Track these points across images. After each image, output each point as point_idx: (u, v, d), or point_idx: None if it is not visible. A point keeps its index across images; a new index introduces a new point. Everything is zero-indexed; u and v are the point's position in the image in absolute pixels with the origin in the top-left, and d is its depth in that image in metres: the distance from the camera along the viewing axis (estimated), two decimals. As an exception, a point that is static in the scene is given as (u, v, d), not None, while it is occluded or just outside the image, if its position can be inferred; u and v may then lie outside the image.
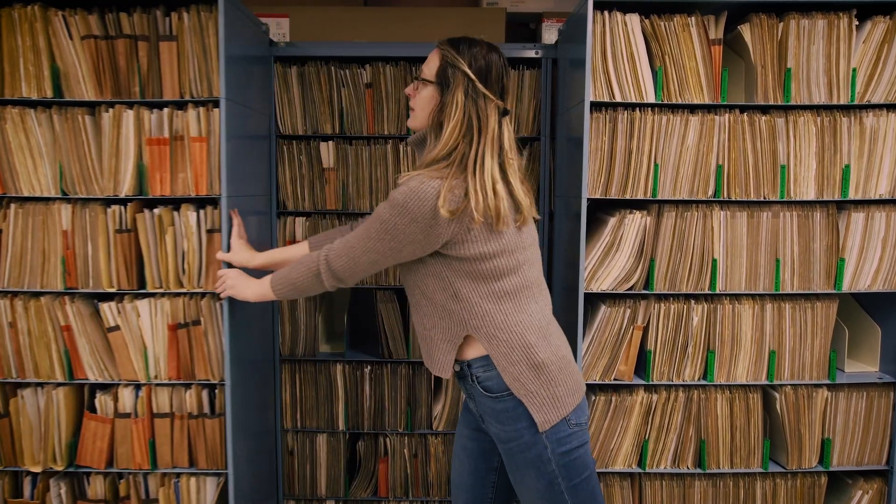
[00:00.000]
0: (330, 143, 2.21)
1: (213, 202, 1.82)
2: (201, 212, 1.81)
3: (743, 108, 1.84)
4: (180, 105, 1.80)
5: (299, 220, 2.23)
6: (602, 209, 1.97)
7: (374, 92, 2.20)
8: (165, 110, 1.78)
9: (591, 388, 1.93)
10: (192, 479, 1.91)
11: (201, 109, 1.78)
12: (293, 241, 2.22)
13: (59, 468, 1.89)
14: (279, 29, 2.40)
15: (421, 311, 1.40)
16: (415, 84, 1.42)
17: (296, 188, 2.22)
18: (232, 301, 1.75)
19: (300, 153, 2.21)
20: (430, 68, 1.38)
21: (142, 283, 1.85)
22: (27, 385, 1.87)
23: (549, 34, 2.45)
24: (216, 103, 1.75)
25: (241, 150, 1.87)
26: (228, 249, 1.73)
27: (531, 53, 2.17)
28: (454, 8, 2.53)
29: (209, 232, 1.80)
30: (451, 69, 1.34)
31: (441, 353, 1.37)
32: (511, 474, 1.40)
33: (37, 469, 1.88)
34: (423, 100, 1.39)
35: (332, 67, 2.19)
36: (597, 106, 1.81)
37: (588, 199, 1.80)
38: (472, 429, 1.52)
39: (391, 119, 2.21)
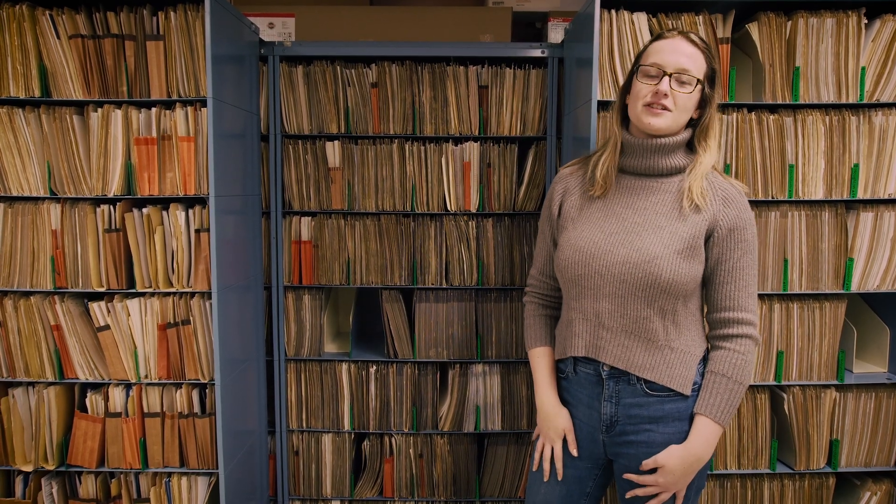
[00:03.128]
0: (335, 142, 2.21)
1: (202, 202, 1.82)
2: (190, 211, 1.82)
3: (751, 108, 1.84)
4: (168, 104, 1.81)
5: (305, 220, 2.22)
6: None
7: (379, 91, 2.19)
8: (153, 110, 1.79)
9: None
10: (184, 479, 1.92)
11: (189, 109, 1.78)
12: (298, 241, 2.22)
13: (51, 467, 1.90)
14: (285, 28, 2.40)
15: (667, 320, 1.32)
16: (672, 83, 1.27)
17: (301, 188, 2.22)
18: (222, 301, 1.75)
19: (305, 153, 2.20)
20: (698, 67, 1.29)
21: (131, 282, 1.85)
22: (18, 384, 1.89)
23: (556, 33, 2.44)
24: (204, 103, 1.75)
25: (229, 149, 1.87)
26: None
27: (537, 53, 2.17)
28: (460, 7, 2.53)
29: (198, 231, 1.81)
30: (712, 71, 1.31)
31: (685, 367, 1.32)
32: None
33: (28, 468, 1.89)
34: (690, 100, 1.29)
35: (338, 67, 2.19)
36: (604, 105, 1.80)
37: (595, 199, 1.80)
38: (580, 451, 1.43)
39: (397, 118, 2.21)
